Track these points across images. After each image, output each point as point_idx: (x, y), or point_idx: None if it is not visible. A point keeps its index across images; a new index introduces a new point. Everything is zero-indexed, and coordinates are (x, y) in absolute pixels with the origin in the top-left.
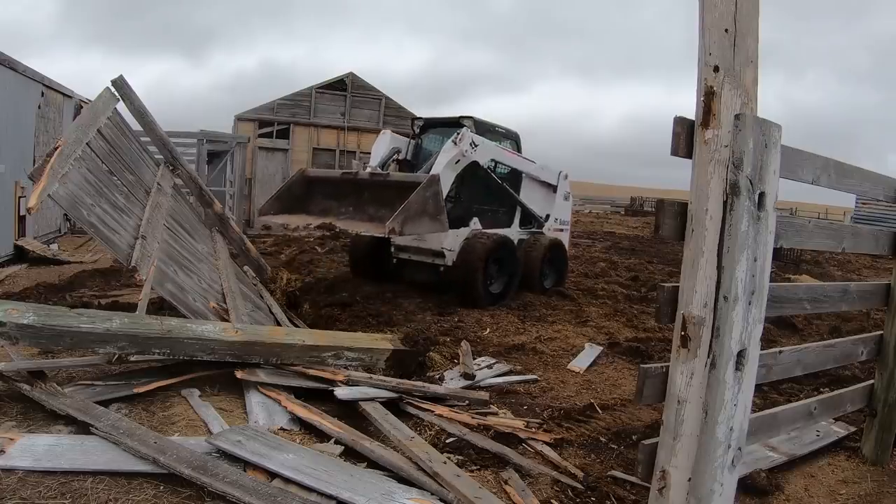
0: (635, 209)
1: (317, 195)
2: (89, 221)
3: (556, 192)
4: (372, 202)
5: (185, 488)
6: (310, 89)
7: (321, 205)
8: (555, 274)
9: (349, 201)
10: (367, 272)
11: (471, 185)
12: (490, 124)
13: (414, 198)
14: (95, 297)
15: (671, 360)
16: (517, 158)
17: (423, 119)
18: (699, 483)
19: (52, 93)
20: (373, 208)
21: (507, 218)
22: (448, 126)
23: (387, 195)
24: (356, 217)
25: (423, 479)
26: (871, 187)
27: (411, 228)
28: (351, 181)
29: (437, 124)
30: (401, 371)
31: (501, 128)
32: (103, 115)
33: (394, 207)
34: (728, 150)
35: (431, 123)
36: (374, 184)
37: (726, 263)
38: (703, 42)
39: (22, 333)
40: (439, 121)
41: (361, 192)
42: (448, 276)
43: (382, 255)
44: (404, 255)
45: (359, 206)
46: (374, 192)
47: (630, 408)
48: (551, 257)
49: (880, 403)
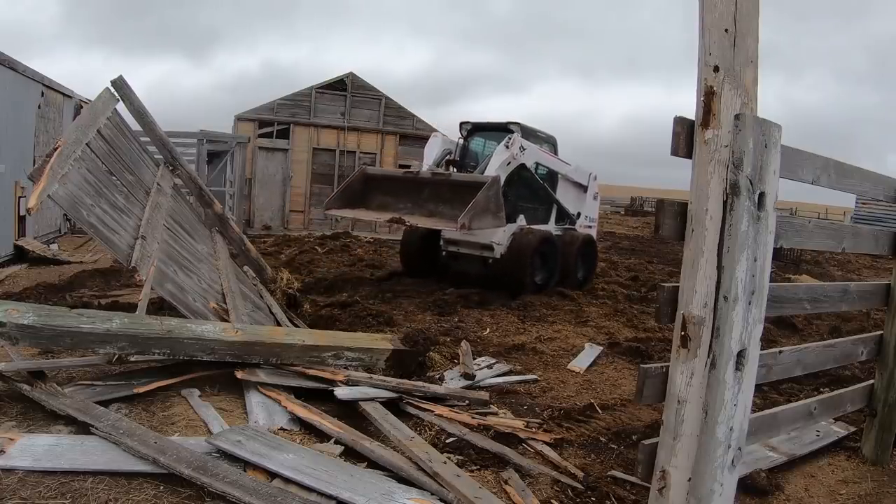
0: (635, 209)
1: (375, 192)
2: (89, 222)
3: (587, 192)
4: (432, 199)
5: (185, 488)
6: (310, 89)
7: (378, 200)
8: (585, 269)
9: (408, 198)
10: (420, 265)
11: (517, 185)
12: (532, 129)
13: (480, 196)
14: (95, 297)
15: (671, 360)
16: (556, 161)
17: (472, 123)
18: (699, 483)
19: (52, 93)
20: (432, 205)
21: (546, 215)
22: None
23: (447, 193)
24: (416, 213)
25: (423, 479)
26: (871, 187)
27: (477, 224)
28: (412, 180)
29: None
30: (401, 371)
31: (542, 132)
32: (103, 116)
33: (453, 205)
34: (728, 150)
35: (479, 127)
36: (436, 182)
37: (726, 263)
38: (703, 42)
39: (22, 334)
40: (486, 125)
41: (421, 189)
42: (496, 268)
43: (433, 249)
44: (453, 248)
45: (418, 203)
46: (434, 191)
47: (630, 408)
48: (584, 252)
49: (880, 403)
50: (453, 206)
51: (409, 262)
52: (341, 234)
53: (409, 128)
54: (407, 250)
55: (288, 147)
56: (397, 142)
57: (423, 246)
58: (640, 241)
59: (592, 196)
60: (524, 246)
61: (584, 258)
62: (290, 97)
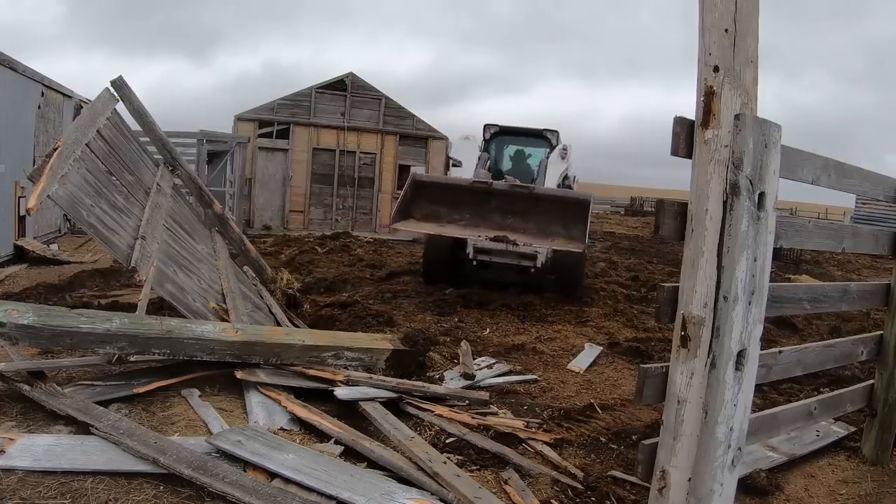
0: (635, 209)
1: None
2: (89, 222)
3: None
4: (499, 211)
5: (185, 488)
6: (310, 89)
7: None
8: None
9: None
10: (445, 274)
11: None
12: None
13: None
14: (95, 297)
15: (671, 360)
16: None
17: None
18: (699, 483)
19: (52, 93)
20: (500, 217)
21: None
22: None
23: (521, 206)
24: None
25: (423, 479)
26: (871, 187)
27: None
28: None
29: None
30: (401, 371)
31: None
32: (102, 116)
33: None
34: (728, 150)
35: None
36: (508, 194)
37: (726, 263)
38: (703, 42)
39: (22, 334)
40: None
41: (487, 200)
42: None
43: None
44: (484, 257)
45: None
46: (504, 202)
47: (630, 408)
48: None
49: (880, 403)
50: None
51: (434, 270)
52: (341, 234)
53: (409, 128)
54: (434, 257)
55: (288, 147)
56: (397, 142)
57: (450, 255)
58: (640, 241)
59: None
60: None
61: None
62: (290, 97)
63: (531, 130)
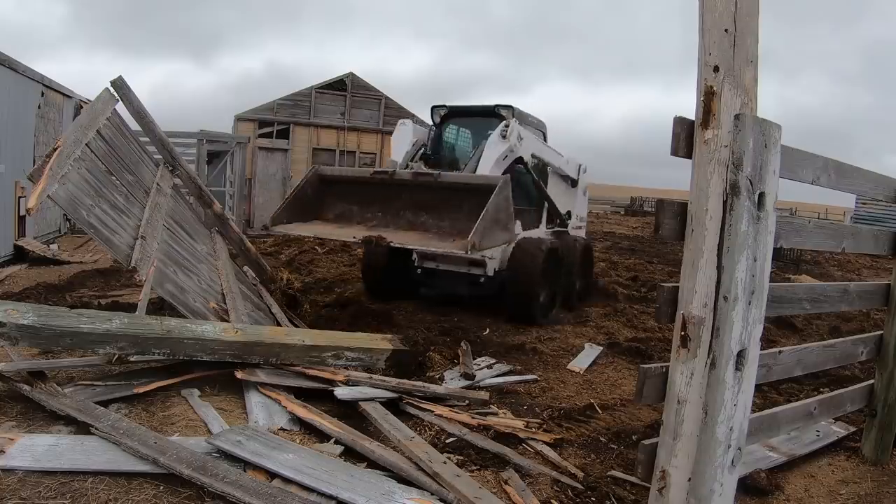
0: (635, 209)
1: (333, 198)
2: (88, 222)
3: (577, 187)
4: (411, 207)
5: (185, 488)
6: (310, 89)
7: (339, 209)
8: (583, 281)
9: (379, 206)
10: (386, 285)
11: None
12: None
13: (491, 206)
14: (95, 297)
15: (671, 360)
16: (551, 151)
17: (447, 107)
18: (699, 483)
19: (52, 93)
20: (412, 214)
21: (536, 217)
22: (477, 116)
23: (433, 199)
24: (392, 225)
25: (423, 479)
26: (870, 187)
27: (488, 242)
28: (384, 182)
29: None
30: (400, 371)
31: (533, 117)
32: (102, 116)
33: (442, 214)
34: (728, 150)
35: (457, 112)
36: (418, 185)
37: (726, 263)
38: (703, 42)
39: (22, 334)
40: (467, 109)
41: (397, 195)
42: (489, 288)
43: (403, 265)
44: (430, 264)
45: (392, 212)
46: (415, 195)
47: (630, 408)
48: (584, 262)
49: (880, 403)
50: (442, 217)
51: (372, 283)
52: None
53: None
54: (370, 267)
55: (288, 147)
56: None
57: (391, 262)
58: (640, 241)
59: (582, 191)
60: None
61: (583, 269)
62: (290, 97)
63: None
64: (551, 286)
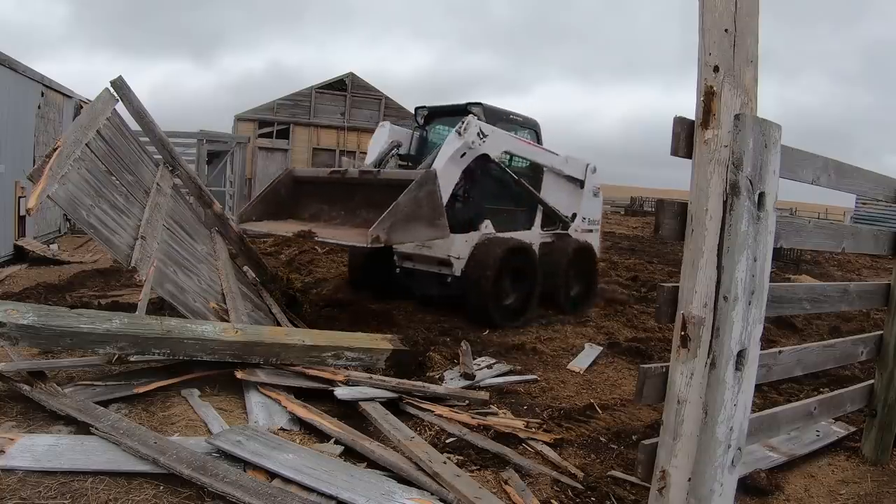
0: (635, 209)
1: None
2: (88, 222)
3: (584, 188)
4: (364, 205)
5: (185, 488)
6: (310, 89)
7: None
8: (581, 285)
9: (341, 204)
10: (367, 283)
11: (482, 183)
12: (504, 112)
13: (403, 199)
14: (95, 297)
15: (671, 360)
16: (536, 150)
17: (428, 108)
18: (699, 483)
19: (52, 93)
20: (364, 211)
21: (527, 219)
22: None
23: (378, 197)
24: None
25: (423, 479)
26: (870, 187)
27: (403, 236)
28: (339, 181)
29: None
30: (400, 371)
31: (518, 116)
32: (102, 116)
33: (380, 209)
34: (728, 150)
35: (437, 112)
36: (365, 184)
37: (726, 263)
38: (703, 42)
39: (22, 334)
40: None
41: (353, 193)
42: (456, 289)
43: (385, 264)
44: (408, 263)
45: (350, 210)
46: (365, 194)
47: (630, 408)
48: (577, 264)
49: (880, 403)
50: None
51: (355, 277)
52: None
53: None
54: (354, 266)
55: (288, 147)
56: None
57: (373, 259)
58: (640, 241)
59: (592, 193)
60: (484, 260)
61: (577, 271)
62: (290, 97)
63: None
64: (522, 288)
